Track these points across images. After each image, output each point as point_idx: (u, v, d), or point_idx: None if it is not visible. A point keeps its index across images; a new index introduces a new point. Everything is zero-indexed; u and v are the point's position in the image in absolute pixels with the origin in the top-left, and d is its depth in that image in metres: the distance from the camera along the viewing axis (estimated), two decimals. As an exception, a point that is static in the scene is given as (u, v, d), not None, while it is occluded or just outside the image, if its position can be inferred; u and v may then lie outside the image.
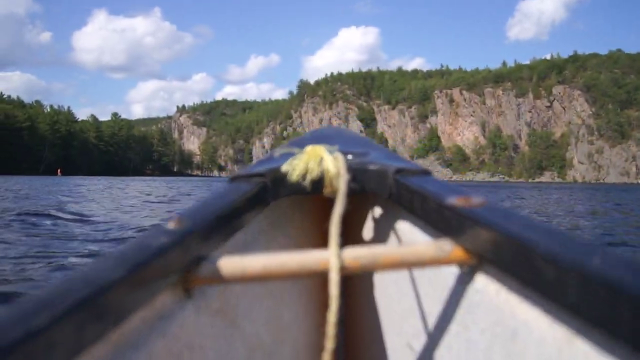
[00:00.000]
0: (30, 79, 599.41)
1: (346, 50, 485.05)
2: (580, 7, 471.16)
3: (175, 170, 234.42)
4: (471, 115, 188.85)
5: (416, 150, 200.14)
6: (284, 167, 0.84)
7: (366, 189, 0.85)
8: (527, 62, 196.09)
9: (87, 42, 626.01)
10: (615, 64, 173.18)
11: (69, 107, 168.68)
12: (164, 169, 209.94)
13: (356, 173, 0.84)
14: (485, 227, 0.64)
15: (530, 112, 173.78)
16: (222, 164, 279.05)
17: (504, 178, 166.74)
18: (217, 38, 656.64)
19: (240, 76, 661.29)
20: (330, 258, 0.66)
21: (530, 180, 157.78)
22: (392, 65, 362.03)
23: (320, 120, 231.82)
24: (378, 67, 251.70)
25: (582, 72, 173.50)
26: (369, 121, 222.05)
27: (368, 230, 0.96)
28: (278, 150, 0.94)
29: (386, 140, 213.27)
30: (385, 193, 0.89)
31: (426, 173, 0.85)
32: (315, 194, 0.83)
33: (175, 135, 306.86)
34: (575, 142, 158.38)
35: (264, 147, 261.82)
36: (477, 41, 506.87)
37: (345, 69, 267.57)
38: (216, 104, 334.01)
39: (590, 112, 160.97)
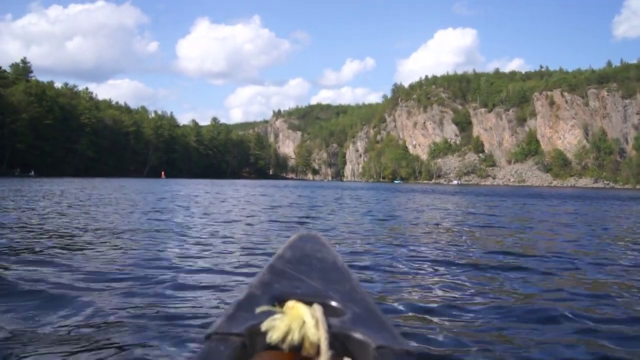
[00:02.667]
0: (138, 86, 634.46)
1: (442, 52, 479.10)
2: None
3: (270, 173, 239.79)
4: (573, 117, 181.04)
5: (514, 154, 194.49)
6: (264, 326, 0.80)
7: (345, 355, 0.82)
8: (635, 61, 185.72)
9: (190, 50, 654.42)
10: None
11: (171, 113, 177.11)
12: (259, 172, 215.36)
13: (337, 338, 0.81)
14: None
15: (638, 114, 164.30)
16: (316, 167, 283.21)
17: (608, 184, 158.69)
18: (314, 43, 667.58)
19: (336, 80, 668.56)
20: None
21: (638, 186, 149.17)
22: (489, 67, 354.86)
23: (415, 124, 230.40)
24: (474, 70, 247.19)
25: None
26: (464, 124, 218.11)
27: None
28: (257, 305, 0.87)
29: (482, 144, 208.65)
30: None
31: (409, 355, 0.76)
32: (292, 352, 0.80)
33: (271, 139, 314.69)
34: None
35: (357, 150, 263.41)
36: (579, 40, 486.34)
37: (440, 71, 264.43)
38: (311, 108, 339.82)
39: None
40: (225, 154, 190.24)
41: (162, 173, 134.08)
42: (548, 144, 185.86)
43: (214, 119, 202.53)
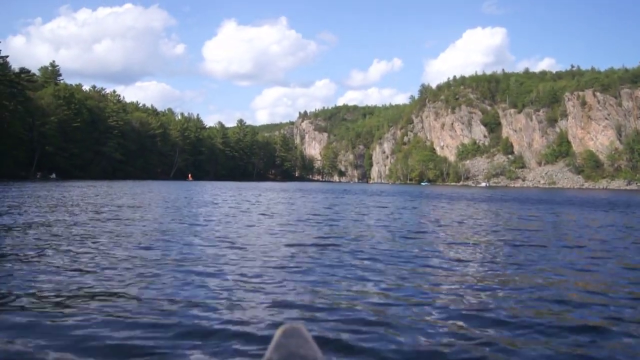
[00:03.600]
0: (165, 88, 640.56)
1: (471, 52, 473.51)
2: None
3: (296, 175, 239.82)
4: (605, 118, 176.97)
5: (544, 156, 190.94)
6: None
7: None
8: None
9: (216, 51, 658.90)
10: None
11: (197, 115, 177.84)
12: (285, 174, 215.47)
13: None
14: None
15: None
16: (342, 168, 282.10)
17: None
18: (341, 44, 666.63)
19: (362, 81, 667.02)
20: None
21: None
22: (519, 67, 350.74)
23: (442, 125, 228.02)
24: (503, 70, 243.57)
25: None
26: (493, 125, 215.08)
27: None
28: None
29: (512, 145, 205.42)
30: None
31: None
32: None
33: (297, 140, 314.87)
34: None
35: (384, 152, 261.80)
36: (611, 39, 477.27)
37: (469, 71, 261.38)
38: (337, 109, 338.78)
39: None
40: (252, 156, 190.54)
41: (189, 175, 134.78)
42: (579, 145, 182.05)
43: (240, 121, 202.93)
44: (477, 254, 10.18)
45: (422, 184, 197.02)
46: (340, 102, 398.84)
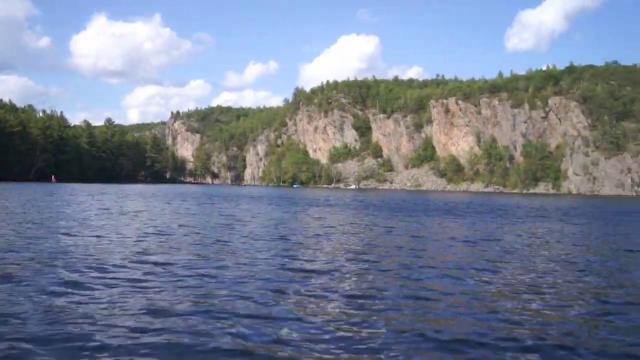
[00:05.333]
0: (27, 83, 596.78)
1: (345, 58, 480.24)
2: (581, 18, 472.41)
3: (168, 176, 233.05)
4: (466, 125, 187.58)
5: (411, 160, 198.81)
6: None
7: None
8: (524, 72, 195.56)
9: (85, 46, 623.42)
10: (612, 75, 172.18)
11: (61, 112, 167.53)
12: (156, 176, 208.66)
13: None
14: None
15: (525, 122, 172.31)
16: (216, 170, 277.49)
17: (498, 189, 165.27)
18: (217, 44, 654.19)
19: (238, 83, 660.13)
20: None
21: (525, 191, 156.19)
22: (390, 74, 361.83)
23: (315, 128, 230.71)
24: (374, 76, 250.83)
25: (578, 83, 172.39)
26: (363, 130, 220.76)
27: None
28: None
29: (381, 149, 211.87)
30: None
31: None
32: None
33: (169, 141, 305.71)
34: (571, 154, 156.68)
35: (257, 154, 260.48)
36: (474, 51, 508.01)
37: (343, 76, 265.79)
38: (211, 110, 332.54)
39: (586, 124, 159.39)
40: (120, 157, 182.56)
41: (52, 177, 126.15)
42: (443, 150, 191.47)
43: (108, 120, 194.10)
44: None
45: (294, 186, 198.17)
46: (214, 103, 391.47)
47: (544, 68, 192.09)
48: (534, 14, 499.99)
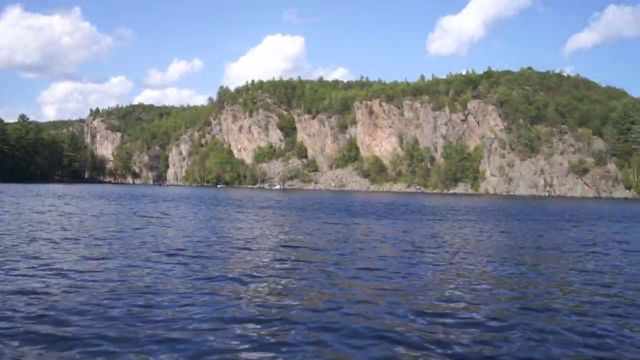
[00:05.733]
0: None
1: (271, 58, 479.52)
2: (498, 25, 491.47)
3: (86, 176, 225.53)
4: (390, 126, 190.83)
5: (335, 160, 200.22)
6: None
7: None
8: (444, 76, 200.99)
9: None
10: (527, 81, 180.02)
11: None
12: (74, 175, 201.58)
13: None
14: None
15: (446, 125, 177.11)
16: (137, 170, 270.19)
17: (420, 189, 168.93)
18: (139, 41, 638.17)
19: (161, 80, 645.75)
20: None
21: (445, 191, 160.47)
22: (315, 75, 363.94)
23: (240, 128, 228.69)
24: (299, 77, 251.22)
25: (495, 88, 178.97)
26: (289, 130, 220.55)
27: None
28: None
29: (306, 150, 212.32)
30: None
31: None
32: None
33: (88, 139, 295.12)
34: (488, 155, 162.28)
35: (181, 153, 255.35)
36: (398, 54, 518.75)
37: (269, 76, 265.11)
38: (132, 108, 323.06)
39: (503, 127, 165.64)
40: (35, 155, 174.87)
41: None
42: (367, 151, 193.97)
43: (22, 116, 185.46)
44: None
45: (219, 186, 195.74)
46: (136, 101, 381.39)
47: (464, 72, 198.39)
48: (454, 20, 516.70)
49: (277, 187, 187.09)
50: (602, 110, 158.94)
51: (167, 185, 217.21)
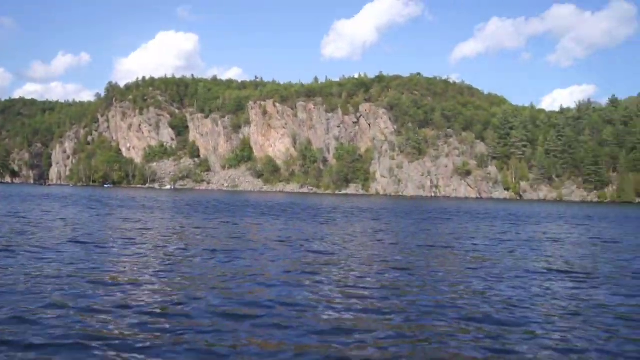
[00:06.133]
0: None
1: (163, 54, 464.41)
2: (390, 31, 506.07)
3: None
4: (283, 127, 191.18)
5: (228, 160, 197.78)
6: None
7: None
8: (338, 79, 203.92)
9: None
10: (416, 86, 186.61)
11: None
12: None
13: None
14: None
15: (338, 127, 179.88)
16: (16, 168, 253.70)
17: (312, 189, 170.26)
18: (21, 31, 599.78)
19: (45, 74, 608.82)
20: None
21: (337, 192, 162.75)
22: (209, 74, 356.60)
23: (130, 126, 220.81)
24: (193, 75, 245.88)
25: (386, 92, 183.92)
26: (181, 129, 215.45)
27: None
28: None
29: (198, 149, 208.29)
30: None
31: None
32: None
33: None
34: (379, 157, 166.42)
35: (65, 151, 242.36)
36: (293, 56, 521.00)
37: (161, 73, 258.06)
38: (12, 102, 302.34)
39: (393, 130, 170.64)
40: None
41: None
42: (260, 151, 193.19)
43: None
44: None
45: (106, 186, 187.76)
46: (17, 95, 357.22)
47: (357, 76, 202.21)
48: (349, 24, 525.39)
49: (168, 187, 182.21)
50: (484, 116, 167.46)
51: (50, 185, 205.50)
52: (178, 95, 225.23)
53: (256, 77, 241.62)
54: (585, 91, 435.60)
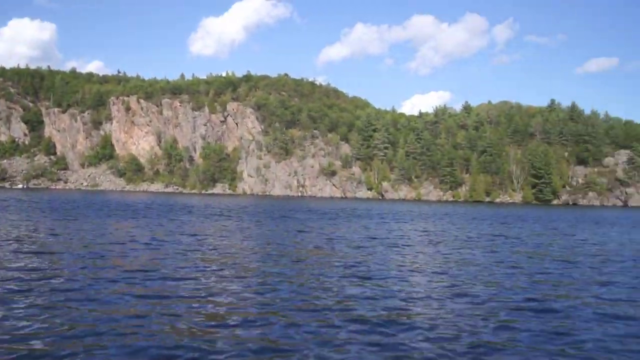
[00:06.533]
0: None
1: (16, 43, 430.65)
2: (259, 31, 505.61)
3: None
4: (148, 124, 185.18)
5: (88, 158, 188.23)
6: None
7: None
8: (205, 77, 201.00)
9: None
10: (283, 86, 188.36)
11: None
12: None
13: None
14: None
15: (205, 125, 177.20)
16: None
17: (178, 189, 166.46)
18: None
19: None
20: None
21: (203, 191, 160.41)
22: (68, 66, 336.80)
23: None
24: (49, 66, 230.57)
25: (254, 91, 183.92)
26: (35, 124, 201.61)
27: None
28: None
29: (54, 146, 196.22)
30: None
31: None
32: None
33: None
34: (246, 157, 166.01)
35: None
36: (159, 51, 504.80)
37: (12, 63, 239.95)
38: None
39: (260, 129, 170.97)
40: None
41: None
42: (123, 149, 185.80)
43: None
44: None
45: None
46: None
47: (224, 74, 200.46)
48: (217, 22, 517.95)
49: (20, 186, 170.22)
50: (349, 118, 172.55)
51: None
52: (32, 87, 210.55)
53: (119, 72, 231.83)
54: (442, 97, 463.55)
